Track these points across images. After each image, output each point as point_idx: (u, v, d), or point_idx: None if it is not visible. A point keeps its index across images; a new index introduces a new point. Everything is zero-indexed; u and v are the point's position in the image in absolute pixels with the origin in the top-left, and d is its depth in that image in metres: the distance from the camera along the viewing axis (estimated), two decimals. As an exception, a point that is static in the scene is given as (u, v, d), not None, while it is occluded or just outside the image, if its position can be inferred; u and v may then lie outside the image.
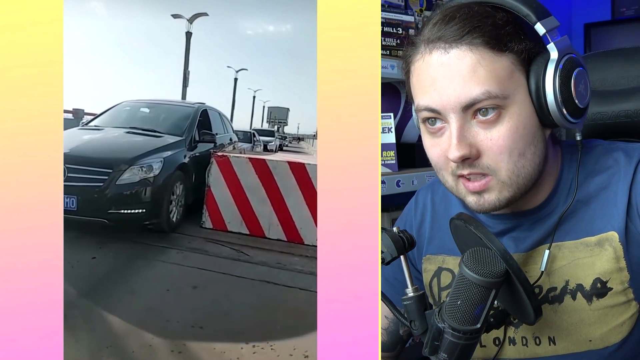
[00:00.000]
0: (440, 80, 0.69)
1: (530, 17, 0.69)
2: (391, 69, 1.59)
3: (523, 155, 0.69)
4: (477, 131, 0.69)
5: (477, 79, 0.67)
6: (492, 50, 0.67)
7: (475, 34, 0.67)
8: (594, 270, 0.73)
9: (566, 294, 0.75)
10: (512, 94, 0.68)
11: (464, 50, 0.67)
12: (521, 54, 0.69)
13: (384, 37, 1.65)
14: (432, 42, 0.69)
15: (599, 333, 0.73)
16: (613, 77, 1.01)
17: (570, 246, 0.75)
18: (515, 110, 0.69)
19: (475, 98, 0.67)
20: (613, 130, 0.96)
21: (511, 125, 0.68)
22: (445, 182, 0.75)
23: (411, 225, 0.92)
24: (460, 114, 0.68)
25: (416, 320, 0.71)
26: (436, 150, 0.73)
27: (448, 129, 0.70)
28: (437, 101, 0.69)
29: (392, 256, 0.72)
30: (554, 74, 0.69)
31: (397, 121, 1.75)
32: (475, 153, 0.69)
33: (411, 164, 1.70)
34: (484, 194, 0.71)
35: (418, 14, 1.84)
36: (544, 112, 0.69)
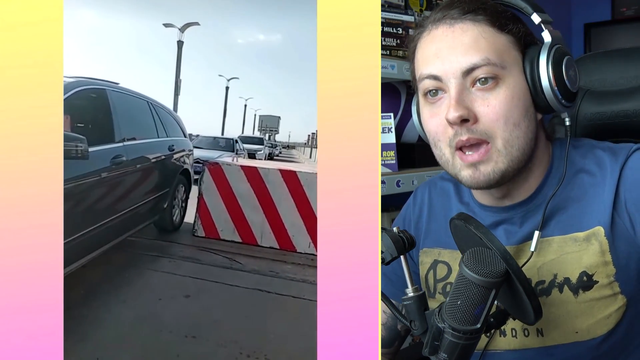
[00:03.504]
0: (443, 49, 0.74)
1: (527, 9, 0.77)
2: (391, 69, 1.59)
3: (517, 126, 0.73)
4: (475, 97, 0.73)
5: (477, 48, 0.72)
6: (493, 27, 0.74)
7: (478, 13, 0.74)
8: (581, 264, 0.75)
9: (554, 287, 0.76)
10: (509, 67, 0.74)
11: (468, 24, 0.74)
12: (518, 34, 0.75)
13: (384, 37, 1.65)
14: (438, 20, 0.75)
15: (585, 325, 0.75)
16: (612, 77, 1.01)
17: (559, 241, 0.77)
18: (511, 82, 0.74)
19: (475, 63, 0.72)
20: (612, 130, 0.96)
21: (507, 94, 0.73)
22: (442, 155, 0.78)
23: (410, 220, 0.94)
24: (460, 80, 0.73)
25: (416, 320, 0.71)
26: (435, 120, 0.76)
27: (447, 97, 0.74)
28: (439, 68, 0.74)
29: (392, 256, 0.72)
30: (547, 56, 0.74)
31: (397, 121, 1.75)
32: (472, 117, 0.73)
33: (411, 164, 1.70)
34: (480, 166, 0.74)
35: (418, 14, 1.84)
36: (537, 91, 0.75)
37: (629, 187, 0.73)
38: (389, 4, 1.75)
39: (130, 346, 1.65)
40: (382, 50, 1.64)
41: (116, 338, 1.69)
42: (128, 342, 1.67)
